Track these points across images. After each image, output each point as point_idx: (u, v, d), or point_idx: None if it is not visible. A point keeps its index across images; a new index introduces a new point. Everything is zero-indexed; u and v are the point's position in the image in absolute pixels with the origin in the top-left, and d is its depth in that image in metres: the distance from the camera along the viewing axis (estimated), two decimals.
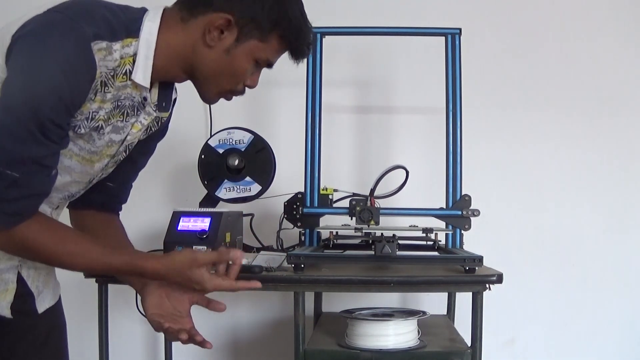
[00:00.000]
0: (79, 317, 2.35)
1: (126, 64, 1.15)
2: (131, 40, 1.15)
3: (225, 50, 1.20)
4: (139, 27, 1.17)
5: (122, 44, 1.14)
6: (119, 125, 1.23)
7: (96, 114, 1.16)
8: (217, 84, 1.25)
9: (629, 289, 2.36)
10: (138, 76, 1.17)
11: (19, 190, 1.07)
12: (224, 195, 1.92)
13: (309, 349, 1.63)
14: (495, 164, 2.37)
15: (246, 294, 2.34)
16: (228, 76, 1.23)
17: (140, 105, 1.24)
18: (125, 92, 1.19)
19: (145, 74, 1.18)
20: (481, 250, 1.64)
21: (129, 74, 1.16)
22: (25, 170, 1.07)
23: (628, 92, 2.38)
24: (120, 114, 1.22)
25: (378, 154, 2.42)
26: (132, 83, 1.18)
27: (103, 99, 1.15)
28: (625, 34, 2.39)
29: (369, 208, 1.71)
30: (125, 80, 1.17)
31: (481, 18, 2.38)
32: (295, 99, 2.00)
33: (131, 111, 1.23)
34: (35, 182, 1.10)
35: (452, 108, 1.87)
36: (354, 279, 1.60)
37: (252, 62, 1.23)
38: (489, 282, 1.57)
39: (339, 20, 2.04)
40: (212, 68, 1.21)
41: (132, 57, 1.16)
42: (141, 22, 1.17)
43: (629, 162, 2.38)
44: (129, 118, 1.24)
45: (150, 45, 1.17)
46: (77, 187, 1.28)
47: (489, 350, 1.73)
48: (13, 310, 1.21)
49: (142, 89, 1.21)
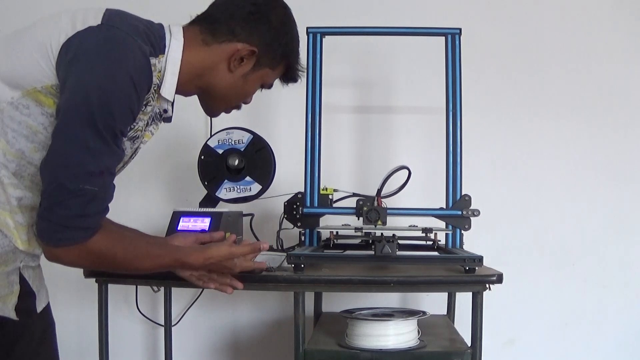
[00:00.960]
0: (79, 317, 2.36)
1: (157, 79, 1.25)
2: (161, 57, 1.25)
3: (243, 76, 1.35)
4: (165, 44, 1.26)
5: (158, 59, 1.23)
6: (139, 135, 1.31)
7: (135, 124, 1.25)
8: (226, 103, 1.41)
9: (629, 289, 2.36)
10: (165, 91, 1.27)
11: (98, 203, 1.14)
12: (225, 195, 1.92)
13: (309, 349, 1.63)
14: (495, 164, 2.37)
15: (246, 294, 2.34)
16: (238, 97, 1.40)
17: (157, 117, 1.33)
18: (156, 104, 1.29)
19: (171, 89, 1.28)
20: (481, 250, 1.64)
21: (157, 88, 1.26)
22: (102, 182, 1.13)
23: (629, 91, 2.38)
24: (146, 124, 1.32)
25: (378, 154, 2.42)
26: (159, 96, 1.27)
27: (144, 111, 1.25)
28: (626, 33, 2.39)
29: (376, 208, 1.71)
30: (156, 94, 1.27)
31: (481, 18, 2.38)
32: (295, 99, 2.00)
33: (151, 122, 1.33)
34: (110, 192, 1.17)
35: (452, 108, 1.87)
36: (354, 279, 1.60)
37: (259, 85, 1.41)
38: (489, 282, 1.57)
39: (339, 20, 2.04)
40: (227, 89, 1.36)
41: (159, 73, 1.24)
42: (165, 39, 1.26)
43: (629, 162, 2.38)
44: (147, 127, 1.33)
45: (176, 63, 1.26)
46: None
47: (489, 350, 1.73)
48: (17, 310, 1.21)
49: (163, 102, 1.30)
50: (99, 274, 1.65)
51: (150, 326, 2.40)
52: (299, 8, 1.44)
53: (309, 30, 1.91)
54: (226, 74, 1.34)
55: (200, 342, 2.45)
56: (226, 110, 1.44)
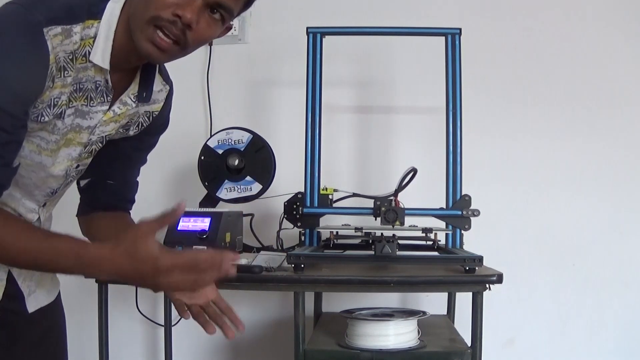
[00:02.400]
0: (79, 317, 2.36)
1: (86, 46, 1.12)
2: (92, 22, 1.12)
3: None
4: (103, 9, 1.13)
5: (83, 26, 1.11)
6: (84, 110, 1.19)
7: (58, 100, 1.13)
8: (140, 18, 1.11)
9: (629, 289, 2.36)
10: (97, 57, 1.13)
11: None
12: (225, 195, 1.92)
13: (309, 349, 1.63)
14: (495, 164, 2.37)
15: (246, 294, 2.34)
16: (148, 2, 1.10)
17: (108, 91, 1.19)
18: (86, 74, 1.15)
19: (104, 54, 1.13)
20: (481, 250, 1.64)
21: (88, 55, 1.13)
22: None
23: (629, 90, 2.38)
24: (84, 98, 1.17)
25: (378, 154, 2.42)
26: (92, 65, 1.14)
27: (64, 84, 1.12)
28: (626, 31, 2.38)
29: (394, 208, 1.71)
30: (84, 62, 1.13)
31: (481, 18, 2.38)
32: (295, 99, 2.00)
33: (96, 96, 1.19)
34: None
35: (452, 108, 1.87)
36: (354, 279, 1.60)
37: None
38: (489, 282, 1.57)
39: (339, 20, 2.04)
40: (137, 4, 1.12)
41: (92, 39, 1.12)
42: (105, 4, 1.14)
43: (630, 161, 2.37)
44: (96, 104, 1.19)
45: (111, 26, 1.13)
46: (55, 182, 1.25)
47: (489, 350, 1.73)
48: (1, 308, 1.20)
49: (104, 72, 1.16)
50: None
51: (150, 326, 2.40)
52: (299, 8, 1.43)
53: (309, 30, 1.91)
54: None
55: (200, 342, 2.45)
56: (155, 37, 1.11)
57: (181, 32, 1.11)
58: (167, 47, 1.12)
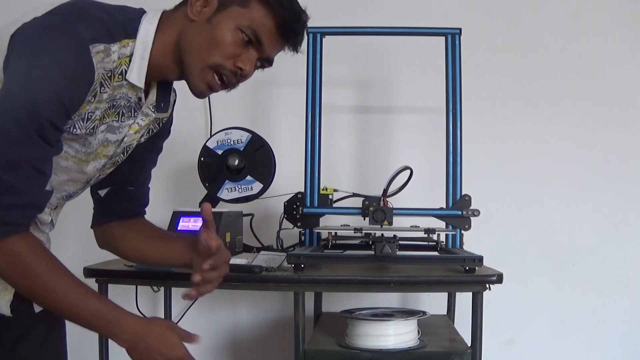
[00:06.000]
0: None
1: (122, 65, 1.16)
2: (128, 42, 1.16)
3: (207, 20, 1.18)
4: (137, 28, 1.18)
5: (120, 45, 1.15)
6: (114, 125, 1.23)
7: (92, 114, 1.16)
8: (200, 59, 1.18)
9: (629, 289, 2.36)
10: (133, 76, 1.18)
11: (14, 197, 1.06)
12: (226, 195, 1.92)
13: (309, 349, 1.63)
14: (495, 164, 2.37)
15: (246, 294, 2.34)
16: (210, 47, 1.18)
17: (136, 106, 1.24)
18: (121, 91, 1.19)
19: (140, 74, 1.18)
20: (481, 250, 1.65)
21: (124, 74, 1.17)
22: (21, 175, 1.05)
23: (629, 91, 2.38)
24: (116, 114, 1.22)
25: (378, 154, 2.42)
26: (127, 83, 1.18)
27: (100, 100, 1.16)
28: (626, 32, 2.38)
29: (382, 208, 1.71)
30: (120, 80, 1.17)
31: (481, 18, 2.38)
32: (295, 99, 2.00)
33: (127, 112, 1.23)
34: (31, 189, 1.08)
35: (452, 108, 1.87)
36: (354, 279, 1.61)
37: (234, 29, 1.18)
38: (489, 282, 1.57)
39: (339, 20, 2.04)
40: (195, 41, 1.18)
41: (128, 58, 1.17)
42: (139, 23, 1.18)
43: (629, 162, 2.38)
44: (125, 118, 1.24)
45: (146, 47, 1.18)
46: (74, 186, 1.27)
47: (489, 350, 1.73)
48: (12, 308, 1.21)
49: (137, 90, 1.21)
50: (97, 274, 1.65)
51: None
52: None
53: (309, 30, 1.91)
54: (190, 26, 1.18)
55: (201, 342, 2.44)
56: (212, 82, 1.20)
57: (237, 81, 1.23)
58: (217, 90, 1.23)
